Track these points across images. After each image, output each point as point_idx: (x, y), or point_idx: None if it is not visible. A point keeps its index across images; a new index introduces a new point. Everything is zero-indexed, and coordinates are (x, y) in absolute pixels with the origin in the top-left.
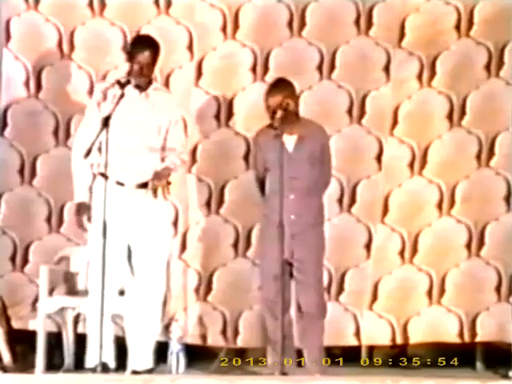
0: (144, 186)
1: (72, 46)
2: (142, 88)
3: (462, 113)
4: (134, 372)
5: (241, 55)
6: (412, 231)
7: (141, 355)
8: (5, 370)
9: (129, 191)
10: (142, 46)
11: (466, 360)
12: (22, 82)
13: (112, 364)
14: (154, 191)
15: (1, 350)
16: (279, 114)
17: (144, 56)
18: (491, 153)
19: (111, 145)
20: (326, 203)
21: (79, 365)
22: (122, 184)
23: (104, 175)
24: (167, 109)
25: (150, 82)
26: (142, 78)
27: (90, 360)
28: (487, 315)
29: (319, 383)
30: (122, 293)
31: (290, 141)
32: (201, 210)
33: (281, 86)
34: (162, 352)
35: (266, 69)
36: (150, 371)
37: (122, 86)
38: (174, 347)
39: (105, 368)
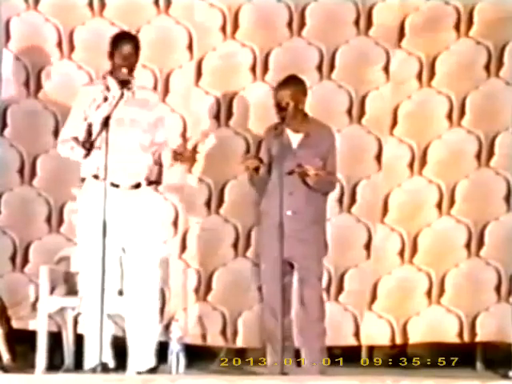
0: (138, 186)
1: (72, 46)
2: (127, 86)
3: (462, 113)
4: (138, 373)
5: (241, 55)
6: (412, 231)
7: (142, 355)
8: (5, 369)
9: (123, 192)
10: (125, 40)
11: (466, 360)
12: (22, 82)
13: (111, 364)
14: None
15: (1, 350)
16: (280, 112)
17: (129, 50)
18: (491, 153)
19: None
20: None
21: (79, 365)
22: (116, 186)
23: (97, 177)
24: (153, 105)
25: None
26: (128, 75)
27: (89, 360)
28: (487, 315)
29: (319, 383)
30: (120, 293)
31: (295, 138)
32: (201, 210)
33: (289, 83)
34: (162, 352)
35: (265, 69)
36: (153, 370)
37: (122, 85)
38: (174, 347)
39: (105, 368)
